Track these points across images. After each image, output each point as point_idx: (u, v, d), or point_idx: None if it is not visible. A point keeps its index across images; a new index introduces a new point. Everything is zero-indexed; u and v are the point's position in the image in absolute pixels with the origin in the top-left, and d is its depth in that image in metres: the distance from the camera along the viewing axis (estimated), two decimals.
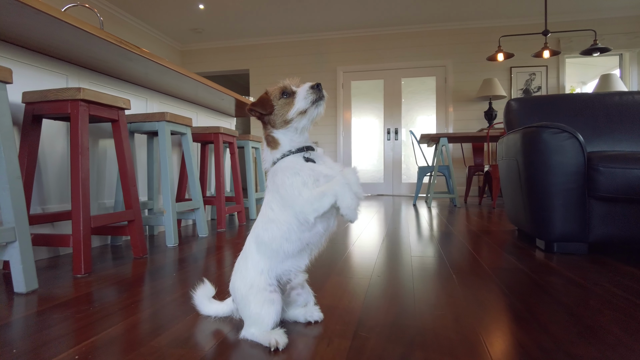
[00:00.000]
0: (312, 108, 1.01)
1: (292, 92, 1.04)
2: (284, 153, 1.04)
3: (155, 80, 2.68)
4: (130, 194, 2.03)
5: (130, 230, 2.05)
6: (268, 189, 1.06)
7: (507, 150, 2.53)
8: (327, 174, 0.99)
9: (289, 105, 1.02)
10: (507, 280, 1.60)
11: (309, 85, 1.02)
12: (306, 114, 1.01)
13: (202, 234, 2.68)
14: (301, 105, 1.01)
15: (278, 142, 1.06)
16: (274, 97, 1.05)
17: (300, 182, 0.96)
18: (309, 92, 1.01)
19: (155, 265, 1.90)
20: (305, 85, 1.03)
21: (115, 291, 1.47)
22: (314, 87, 1.01)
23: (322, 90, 1.02)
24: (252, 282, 1.02)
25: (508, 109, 2.86)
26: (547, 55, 5.04)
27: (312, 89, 1.01)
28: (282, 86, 1.05)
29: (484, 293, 1.43)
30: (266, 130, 1.09)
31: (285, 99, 1.03)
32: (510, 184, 2.54)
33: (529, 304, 1.31)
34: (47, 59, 2.09)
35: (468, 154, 6.70)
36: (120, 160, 2.02)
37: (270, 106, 1.04)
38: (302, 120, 1.02)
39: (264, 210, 1.06)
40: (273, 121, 1.05)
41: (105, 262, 1.95)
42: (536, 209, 2.12)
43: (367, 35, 7.11)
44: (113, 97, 1.92)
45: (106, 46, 1.99)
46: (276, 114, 1.04)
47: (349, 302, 1.33)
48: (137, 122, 2.45)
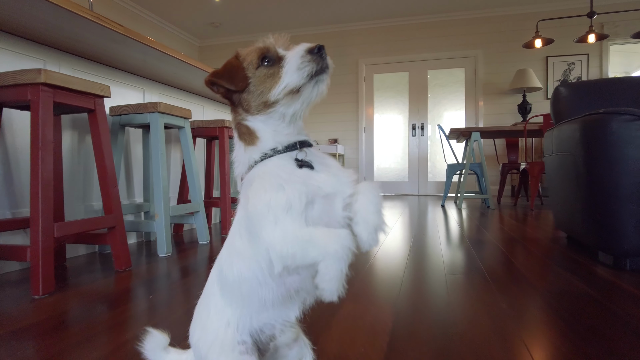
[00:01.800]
0: (309, 85, 0.66)
1: (278, 57, 0.68)
2: (265, 152, 0.69)
3: (154, 68, 2.39)
4: (110, 196, 1.73)
5: (111, 239, 1.75)
6: (240, 203, 0.71)
7: (559, 143, 2.12)
8: (328, 193, 0.65)
9: (273, 79, 0.67)
10: (566, 303, 1.21)
11: (306, 47, 0.66)
12: (300, 94, 0.66)
13: (203, 240, 2.37)
14: (292, 80, 0.65)
15: (256, 135, 0.71)
16: (249, 65, 0.69)
17: (284, 202, 0.60)
18: (305, 59, 0.65)
19: (135, 281, 1.60)
20: (300, 47, 0.67)
21: (69, 321, 1.16)
22: (313, 50, 0.66)
23: (326, 56, 0.66)
24: (214, 337, 0.68)
25: (556, 96, 2.44)
26: (593, 40, 4.53)
27: (311, 53, 0.65)
28: (262, 47, 0.69)
29: (542, 324, 1.06)
30: (237, 116, 0.73)
31: (267, 68, 0.68)
32: (562, 183, 2.13)
33: (601, 337, 0.93)
34: (22, 41, 1.82)
35: (501, 150, 6.21)
36: (97, 156, 1.73)
37: (243, 78, 0.69)
38: (294, 104, 0.67)
39: (231, 235, 0.71)
40: (247, 102, 0.70)
41: (79, 277, 1.66)
42: (601, 216, 1.71)
43: (390, 25, 6.70)
44: (87, 82, 1.62)
45: (83, 24, 1.69)
46: (252, 91, 0.69)
47: (364, 348, 0.98)
48: (127, 114, 2.16)
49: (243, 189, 0.70)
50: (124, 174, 2.44)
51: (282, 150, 0.69)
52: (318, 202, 0.64)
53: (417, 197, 6.29)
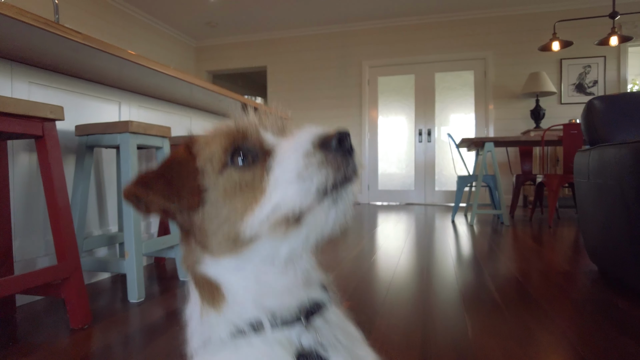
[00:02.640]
0: (319, 208, 0.38)
1: (262, 150, 0.41)
2: (238, 326, 0.39)
3: (131, 79, 2.09)
4: (62, 239, 1.43)
5: (65, 292, 1.45)
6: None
7: (599, 169, 1.81)
8: None
9: (251, 193, 0.39)
10: (596, 353, 0.90)
11: (315, 135, 0.39)
12: (301, 224, 0.38)
13: (184, 277, 2.07)
14: (288, 200, 0.37)
15: (220, 292, 0.41)
16: (207, 162, 0.41)
17: None
18: (314, 160, 0.37)
19: (92, 345, 1.30)
20: (304, 134, 0.39)
21: None
22: (329, 143, 0.38)
23: (352, 153, 0.39)
24: None
25: (591, 110, 2.12)
26: (615, 43, 4.20)
27: (324, 148, 0.38)
28: (233, 130, 0.41)
29: None
30: (188, 253, 0.43)
31: (241, 172, 0.40)
32: (601, 214, 1.82)
33: None
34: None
35: (513, 157, 5.88)
36: (47, 192, 1.42)
37: (192, 190, 0.40)
38: (289, 239, 0.39)
39: None
40: (202, 233, 0.41)
41: (23, 340, 1.36)
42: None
43: (396, 25, 6.37)
44: (30, 104, 1.32)
45: (30, 32, 1.39)
46: (211, 214, 0.40)
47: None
48: (95, 134, 1.86)
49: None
50: (96, 199, 2.14)
51: (270, 326, 0.38)
52: None
53: (423, 206, 5.98)
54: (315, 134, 0.38)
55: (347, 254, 2.64)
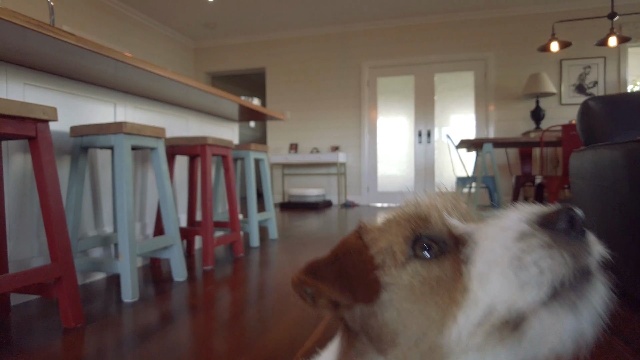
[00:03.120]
0: (548, 312, 0.27)
1: (451, 237, 0.33)
2: None
3: (126, 80, 2.09)
4: (56, 241, 1.43)
5: (58, 292, 1.45)
6: None
7: (594, 170, 1.80)
8: None
9: (447, 293, 0.31)
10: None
11: (527, 214, 0.30)
12: (522, 334, 0.28)
13: (179, 277, 2.07)
14: (504, 299, 0.28)
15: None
16: (386, 255, 0.34)
17: None
18: (535, 244, 0.28)
19: (85, 345, 1.30)
20: (511, 214, 0.31)
21: None
22: (554, 222, 0.28)
23: (586, 236, 0.29)
24: None
25: (586, 111, 2.11)
26: (614, 43, 4.18)
27: (548, 227, 0.28)
28: (414, 215, 0.34)
29: None
30: (349, 350, 0.36)
31: (429, 266, 0.32)
32: (598, 216, 1.81)
33: None
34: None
35: (513, 159, 5.87)
36: (41, 193, 1.43)
37: (372, 282, 0.32)
38: (500, 353, 0.28)
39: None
40: (378, 337, 0.33)
41: (17, 339, 1.36)
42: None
43: (395, 26, 6.37)
44: (22, 105, 1.32)
45: (24, 35, 1.39)
46: (395, 319, 0.32)
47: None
48: (89, 135, 1.86)
49: None
50: (91, 200, 2.14)
51: None
52: None
53: None
54: (530, 211, 0.30)
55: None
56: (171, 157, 2.45)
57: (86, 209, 2.10)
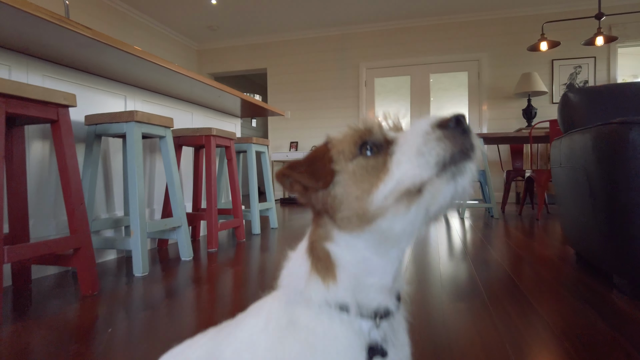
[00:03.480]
0: (438, 180, 0.41)
1: (386, 141, 0.46)
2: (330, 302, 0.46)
3: (135, 74, 2.24)
4: (75, 215, 1.58)
5: (76, 261, 1.60)
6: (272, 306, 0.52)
7: (569, 155, 1.95)
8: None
9: (376, 174, 0.44)
10: (574, 338, 1.05)
11: (433, 120, 0.43)
12: (421, 196, 0.41)
13: (185, 257, 2.22)
14: (409, 173, 0.41)
15: (333, 268, 0.48)
16: (340, 154, 0.48)
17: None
18: (433, 137, 0.41)
19: (100, 309, 1.44)
20: (422, 121, 0.44)
21: (10, 356, 1.01)
22: (447, 124, 0.42)
23: (469, 131, 0.42)
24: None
25: (565, 102, 2.27)
26: (601, 42, 4.35)
27: (442, 128, 0.41)
28: (362, 129, 0.48)
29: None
30: (317, 230, 0.50)
31: (368, 159, 0.45)
32: (572, 198, 1.96)
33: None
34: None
35: (505, 156, 6.02)
36: (62, 171, 1.58)
37: (328, 173, 0.47)
38: (408, 214, 0.42)
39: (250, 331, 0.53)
40: (332, 209, 0.47)
41: (39, 303, 1.51)
42: (619, 237, 1.54)
43: (392, 28, 6.55)
44: (46, 91, 1.47)
45: (47, 28, 1.55)
46: (341, 192, 0.46)
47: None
48: (103, 124, 2.01)
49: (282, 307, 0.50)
50: (103, 185, 2.29)
51: (352, 315, 0.46)
52: None
53: None
54: (431, 120, 0.42)
55: None
56: (178, 148, 2.60)
57: (99, 193, 2.25)
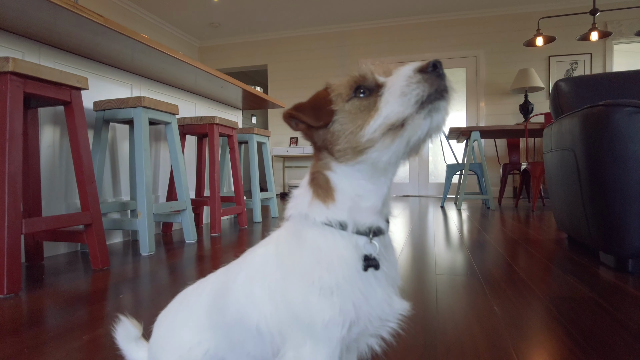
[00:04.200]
0: (417, 116, 0.48)
1: (376, 84, 0.52)
2: (332, 221, 0.54)
3: (142, 63, 2.32)
4: (86, 192, 1.66)
5: (88, 237, 1.68)
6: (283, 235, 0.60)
7: (558, 139, 2.03)
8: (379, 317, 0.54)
9: (368, 113, 0.51)
10: (564, 307, 1.13)
11: (414, 66, 0.49)
12: (404, 129, 0.48)
13: (189, 239, 2.30)
14: (394, 110, 0.48)
15: (332, 194, 0.55)
16: (338, 97, 0.54)
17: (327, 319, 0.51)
18: (413, 80, 0.48)
19: (111, 281, 1.52)
20: (406, 67, 0.50)
21: (29, 322, 1.09)
22: (426, 69, 0.48)
23: (444, 75, 0.49)
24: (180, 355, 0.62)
25: (556, 91, 2.35)
26: (596, 38, 4.43)
27: (422, 72, 0.48)
28: (356, 75, 0.54)
29: (538, 330, 0.97)
30: (317, 162, 0.58)
31: (361, 100, 0.52)
32: (562, 181, 2.04)
33: (601, 343, 0.84)
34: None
35: (502, 151, 6.11)
36: (74, 150, 1.66)
37: (327, 113, 0.54)
38: (393, 145, 0.49)
39: (252, 267, 0.61)
40: (331, 144, 0.54)
41: (53, 276, 1.59)
42: (603, 215, 1.62)
43: (391, 25, 6.63)
44: (61, 73, 1.55)
45: (60, 13, 1.62)
46: (338, 130, 0.53)
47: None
48: (111, 109, 2.09)
49: (291, 231, 0.58)
50: (110, 171, 2.37)
51: (350, 231, 0.54)
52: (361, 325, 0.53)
53: (417, 198, 6.20)
54: (413, 65, 0.49)
55: None
56: (182, 137, 2.68)
57: (106, 178, 2.33)
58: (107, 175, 2.34)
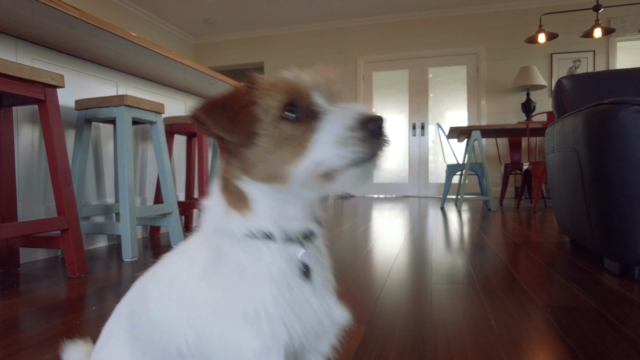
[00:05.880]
0: (349, 172, 0.45)
1: (312, 110, 0.47)
2: (254, 231, 0.48)
3: (128, 60, 2.23)
4: (62, 196, 1.57)
5: (63, 242, 1.59)
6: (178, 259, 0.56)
7: (561, 139, 1.94)
8: (316, 332, 0.49)
9: (296, 146, 0.46)
10: (566, 319, 1.04)
11: (361, 113, 0.44)
12: (332, 181, 0.46)
13: (176, 243, 2.21)
14: (326, 160, 0.44)
15: (247, 204, 0.49)
16: (265, 110, 0.47)
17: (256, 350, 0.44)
18: (356, 135, 0.44)
19: (87, 289, 1.44)
20: (352, 109, 0.45)
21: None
22: (369, 122, 0.44)
23: (384, 134, 0.45)
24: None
25: (559, 89, 2.25)
26: (599, 34, 4.33)
27: (365, 128, 0.44)
28: (292, 87, 0.47)
29: (536, 347, 0.88)
30: (228, 168, 0.51)
31: (292, 125, 0.46)
32: (564, 183, 1.95)
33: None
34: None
35: (503, 150, 6.00)
36: (49, 151, 1.57)
37: (247, 131, 0.47)
38: (318, 188, 0.48)
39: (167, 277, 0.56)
40: (247, 160, 0.48)
41: (27, 284, 1.50)
42: (607, 219, 1.53)
43: (390, 21, 6.52)
44: (33, 70, 1.46)
45: (29, 4, 1.53)
46: (258, 152, 0.47)
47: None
48: (93, 108, 2.00)
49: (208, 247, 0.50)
50: (94, 172, 2.28)
51: (278, 241, 0.48)
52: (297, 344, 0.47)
53: (417, 198, 6.11)
54: (360, 112, 0.45)
55: (353, 231, 2.78)
56: (170, 136, 2.59)
57: (89, 180, 2.24)
58: (90, 176, 2.25)
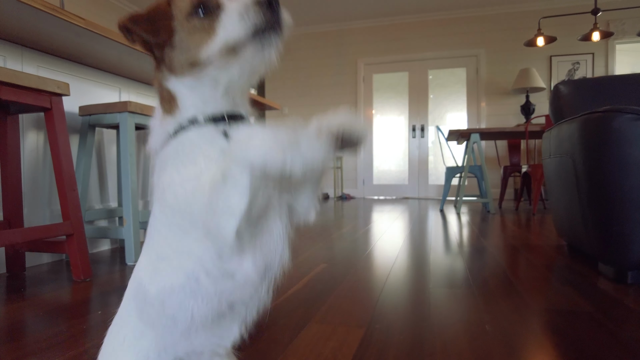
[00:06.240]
0: (251, 45, 0.52)
1: (217, 5, 0.54)
2: (182, 123, 0.55)
3: (130, 66, 2.26)
4: (67, 201, 1.60)
5: (68, 247, 1.62)
6: (155, 194, 0.57)
7: (557, 145, 1.97)
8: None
9: (207, 32, 0.53)
10: (562, 323, 1.07)
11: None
12: (238, 55, 0.52)
13: None
14: (231, 34, 0.52)
15: (176, 102, 0.57)
16: (179, 12, 0.55)
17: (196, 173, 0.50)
18: (250, 10, 0.51)
19: (92, 293, 1.47)
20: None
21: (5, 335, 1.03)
22: (261, 1, 0.51)
23: (280, 9, 0.53)
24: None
25: (556, 94, 2.28)
26: (597, 38, 4.36)
27: (258, 4, 0.51)
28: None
29: (532, 351, 0.91)
30: (158, 75, 0.59)
31: (201, 19, 0.54)
32: (561, 188, 1.98)
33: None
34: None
35: (503, 152, 6.03)
36: (54, 157, 1.60)
37: (167, 28, 0.55)
38: (230, 68, 0.53)
39: (150, 237, 0.59)
40: (171, 59, 0.56)
41: (32, 288, 1.53)
42: (602, 223, 1.55)
43: (390, 23, 6.56)
44: (40, 79, 1.50)
45: (36, 15, 1.57)
46: (178, 46, 0.55)
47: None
48: (97, 114, 2.03)
49: (156, 170, 0.57)
50: (97, 177, 2.31)
51: (202, 122, 0.55)
52: None
53: (417, 200, 6.14)
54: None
55: (353, 234, 2.81)
56: None
57: (93, 184, 2.27)
58: (94, 181, 2.28)
